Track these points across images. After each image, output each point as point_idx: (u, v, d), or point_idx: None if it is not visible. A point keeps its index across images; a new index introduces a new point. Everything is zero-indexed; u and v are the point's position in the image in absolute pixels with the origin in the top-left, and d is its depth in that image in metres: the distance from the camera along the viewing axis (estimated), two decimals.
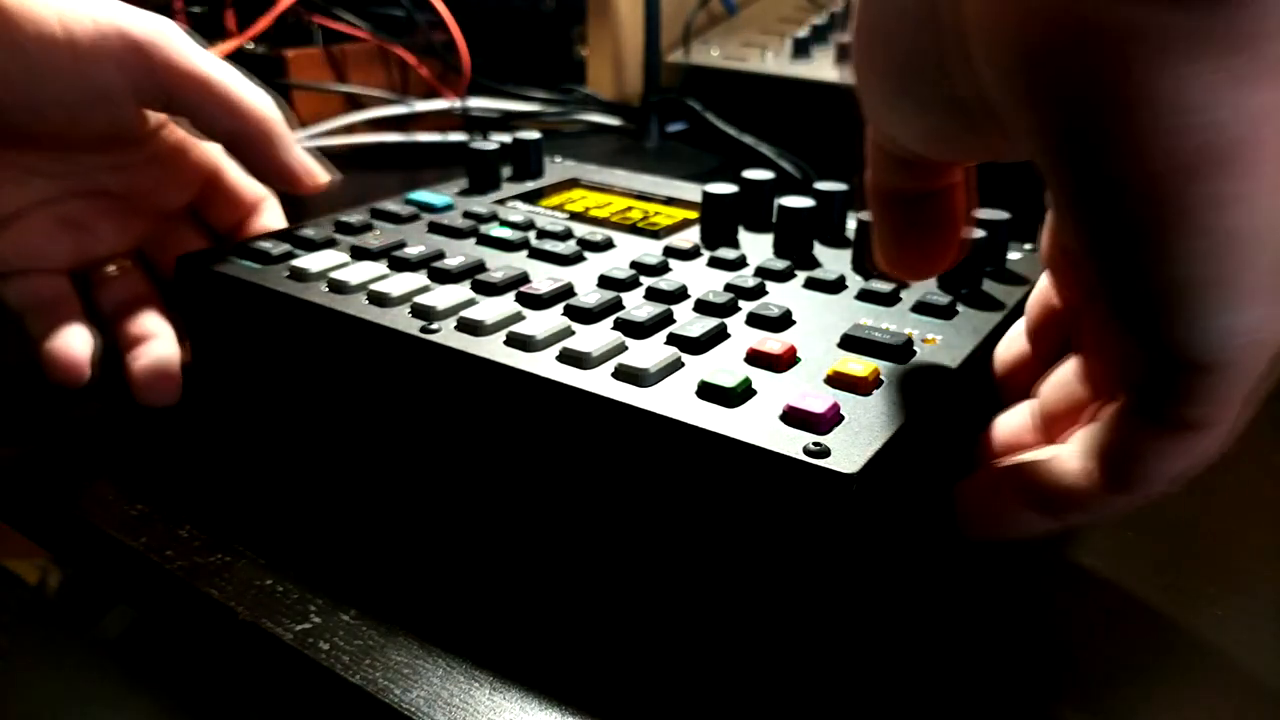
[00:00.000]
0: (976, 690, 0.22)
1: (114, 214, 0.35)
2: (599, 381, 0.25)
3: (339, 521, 0.28)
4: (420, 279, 0.31)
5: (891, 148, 0.22)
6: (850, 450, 0.22)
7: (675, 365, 0.25)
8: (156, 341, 0.33)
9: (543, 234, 0.35)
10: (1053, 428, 0.24)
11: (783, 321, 0.28)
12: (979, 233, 0.31)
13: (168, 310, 0.35)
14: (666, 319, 0.28)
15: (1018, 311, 0.31)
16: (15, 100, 0.29)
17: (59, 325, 0.33)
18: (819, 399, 0.23)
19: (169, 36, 0.31)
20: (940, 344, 0.27)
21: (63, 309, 0.33)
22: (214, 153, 0.37)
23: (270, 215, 0.39)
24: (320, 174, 0.36)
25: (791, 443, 0.22)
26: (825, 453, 0.21)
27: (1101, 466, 0.20)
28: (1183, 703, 0.22)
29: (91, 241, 0.35)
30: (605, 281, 0.31)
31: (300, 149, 0.35)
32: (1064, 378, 0.24)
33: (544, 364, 0.25)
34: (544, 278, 0.30)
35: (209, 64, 0.32)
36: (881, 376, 0.25)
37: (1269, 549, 0.27)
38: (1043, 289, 0.25)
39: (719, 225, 0.35)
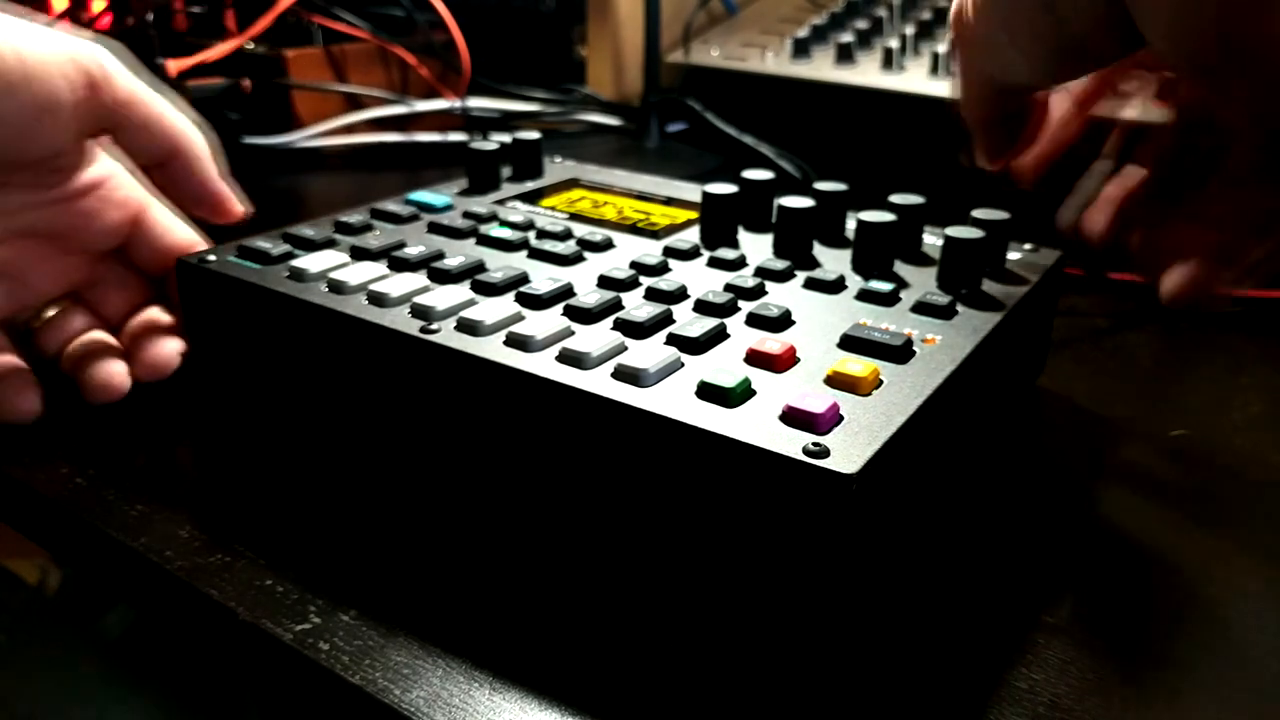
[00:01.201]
0: (976, 692, 0.22)
1: (44, 258, 0.34)
2: (598, 382, 0.25)
3: (339, 521, 0.28)
4: (420, 279, 0.31)
5: (1001, 79, 0.29)
6: (850, 450, 0.22)
7: (675, 366, 0.25)
8: (107, 360, 0.33)
9: (542, 234, 0.35)
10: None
11: (782, 322, 0.28)
12: (979, 233, 0.32)
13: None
14: (666, 319, 0.28)
15: (1018, 312, 0.31)
16: None
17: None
18: (818, 399, 0.23)
19: (112, 62, 0.32)
20: (940, 344, 0.27)
21: None
22: (140, 192, 0.37)
23: None
24: (239, 204, 0.37)
25: (791, 443, 0.22)
26: (825, 453, 0.21)
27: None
28: (1183, 705, 0.22)
29: (23, 291, 0.34)
30: (605, 282, 0.31)
31: (225, 179, 0.36)
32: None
33: (543, 364, 0.25)
34: (544, 278, 0.30)
35: (147, 90, 0.33)
36: (881, 377, 0.25)
37: (1269, 548, 0.28)
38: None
39: (719, 225, 0.36)
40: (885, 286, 0.31)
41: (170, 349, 0.34)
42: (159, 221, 0.37)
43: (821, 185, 0.36)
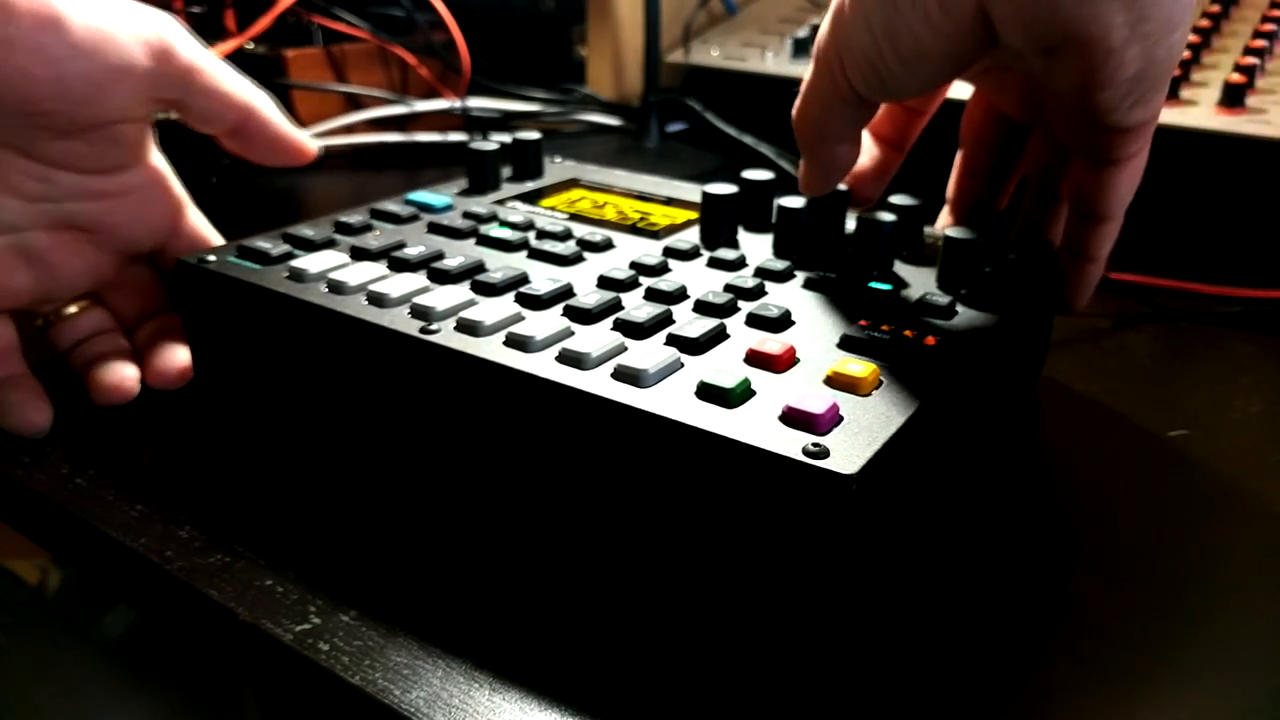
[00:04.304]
0: (976, 694, 0.22)
1: (79, 252, 0.35)
2: (598, 382, 0.25)
3: (339, 521, 0.28)
4: (420, 279, 0.31)
5: (861, 90, 0.30)
6: (850, 451, 0.22)
7: (675, 366, 0.25)
8: (120, 362, 0.34)
9: (542, 234, 0.35)
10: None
11: (782, 322, 0.28)
12: (978, 233, 0.32)
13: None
14: (666, 320, 0.28)
15: (1017, 311, 0.31)
16: (46, 72, 0.30)
17: (6, 387, 0.32)
18: (818, 400, 0.23)
19: (183, 32, 0.34)
20: (940, 344, 0.27)
21: (6, 361, 0.33)
22: (183, 198, 0.37)
23: None
24: (312, 144, 0.38)
25: (791, 443, 0.22)
26: (824, 453, 0.21)
27: (1081, 206, 0.33)
28: (1183, 705, 0.22)
29: (52, 282, 0.34)
30: (605, 282, 0.31)
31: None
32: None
33: (543, 365, 0.25)
34: (544, 278, 0.30)
35: (212, 58, 0.35)
36: (881, 377, 0.25)
37: (1269, 548, 0.28)
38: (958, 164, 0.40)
39: (719, 225, 0.35)
40: (885, 287, 0.31)
41: (185, 358, 0.34)
42: (195, 230, 0.38)
43: None
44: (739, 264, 0.33)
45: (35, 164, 0.32)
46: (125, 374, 0.33)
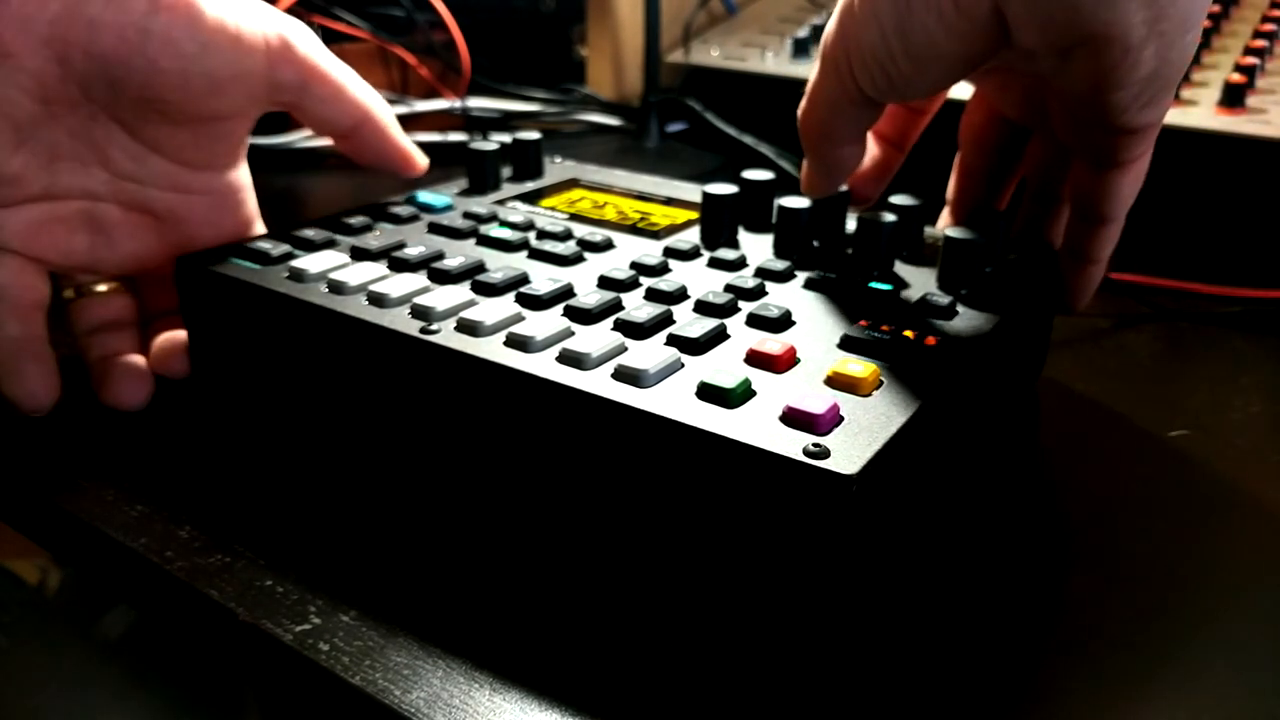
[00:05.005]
0: (976, 694, 0.22)
1: (141, 236, 0.35)
2: (598, 383, 0.25)
3: (339, 522, 0.28)
4: (420, 280, 0.31)
5: (869, 90, 0.30)
6: (850, 451, 0.22)
7: (675, 366, 0.25)
8: (130, 357, 0.34)
9: (542, 234, 0.35)
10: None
11: (783, 322, 0.28)
12: (978, 233, 0.32)
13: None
14: (666, 320, 0.28)
15: (1017, 312, 0.31)
16: (174, 65, 0.31)
17: (24, 348, 0.32)
18: (819, 400, 0.23)
19: (306, 36, 0.35)
20: (940, 344, 0.27)
21: (29, 319, 0.32)
22: (254, 214, 0.38)
23: None
24: (422, 158, 0.40)
25: (791, 444, 0.22)
26: (825, 454, 0.21)
27: (1082, 208, 0.33)
28: (1183, 705, 0.22)
29: (105, 254, 0.34)
30: (605, 282, 0.31)
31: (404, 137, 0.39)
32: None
33: (543, 365, 0.25)
34: (544, 278, 0.30)
35: (335, 63, 0.36)
36: (881, 377, 0.25)
37: (1269, 548, 0.28)
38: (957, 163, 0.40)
39: (719, 225, 0.36)
40: (885, 287, 0.31)
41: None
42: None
43: None
44: (739, 264, 0.33)
45: (136, 144, 0.33)
46: (140, 384, 0.33)
